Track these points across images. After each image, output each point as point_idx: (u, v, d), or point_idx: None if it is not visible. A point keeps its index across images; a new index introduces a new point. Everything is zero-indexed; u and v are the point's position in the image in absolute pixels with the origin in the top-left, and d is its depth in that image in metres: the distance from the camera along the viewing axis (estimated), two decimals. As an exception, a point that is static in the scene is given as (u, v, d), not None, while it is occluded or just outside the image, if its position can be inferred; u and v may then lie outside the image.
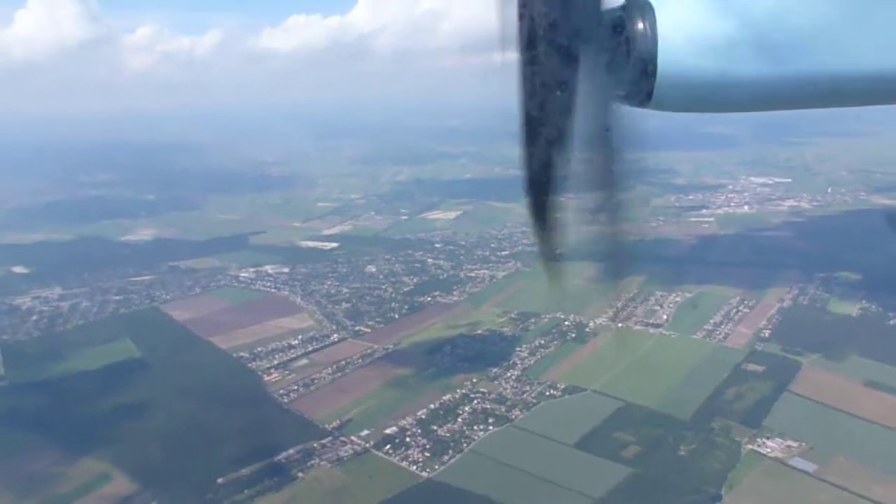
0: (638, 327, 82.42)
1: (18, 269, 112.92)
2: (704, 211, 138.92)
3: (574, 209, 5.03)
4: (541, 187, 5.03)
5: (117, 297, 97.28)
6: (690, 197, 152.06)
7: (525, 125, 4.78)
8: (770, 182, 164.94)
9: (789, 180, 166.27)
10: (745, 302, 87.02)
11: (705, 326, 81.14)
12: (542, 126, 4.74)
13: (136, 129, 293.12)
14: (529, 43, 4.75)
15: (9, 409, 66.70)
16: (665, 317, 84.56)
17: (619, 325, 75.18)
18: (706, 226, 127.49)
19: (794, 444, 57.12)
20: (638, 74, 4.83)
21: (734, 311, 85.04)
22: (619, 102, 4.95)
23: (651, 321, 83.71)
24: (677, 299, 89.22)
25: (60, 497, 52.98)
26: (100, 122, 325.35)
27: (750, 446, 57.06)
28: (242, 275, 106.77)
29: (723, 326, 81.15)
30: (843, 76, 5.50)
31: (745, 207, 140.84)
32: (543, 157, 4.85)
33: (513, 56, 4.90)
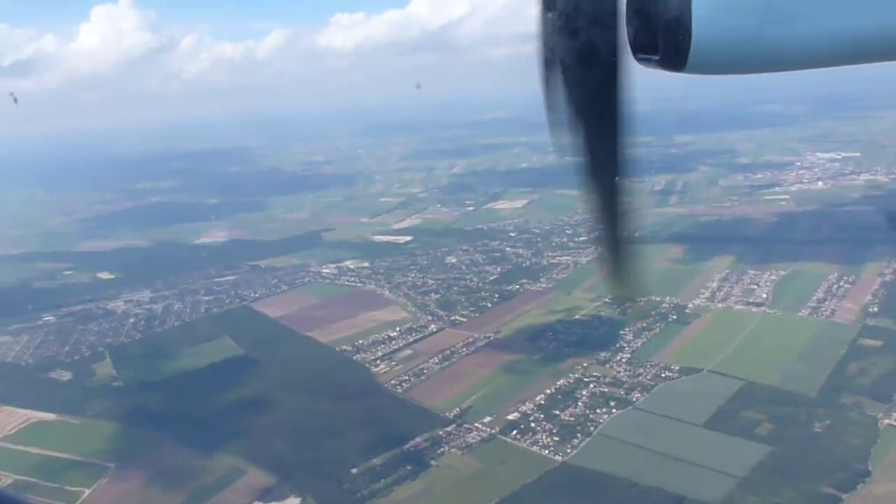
0: (739, 306, 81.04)
1: (104, 275, 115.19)
2: (777, 189, 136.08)
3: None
4: (602, 173, 4.56)
5: (207, 298, 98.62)
6: (759, 176, 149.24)
7: (573, 110, 4.42)
8: (838, 157, 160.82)
9: (858, 154, 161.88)
10: (844, 278, 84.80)
11: (808, 304, 79.34)
12: (590, 110, 4.38)
13: (186, 137, 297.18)
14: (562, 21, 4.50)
15: (130, 409, 67.88)
16: (764, 295, 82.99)
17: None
18: (783, 203, 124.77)
19: (933, 418, 55.48)
20: (672, 37, 4.52)
21: (835, 287, 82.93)
22: (654, 67, 4.60)
23: (751, 300, 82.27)
24: (773, 277, 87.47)
25: (201, 490, 53.76)
26: (153, 131, 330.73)
27: (887, 421, 55.45)
28: (324, 271, 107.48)
29: (827, 303, 79.24)
30: (889, 29, 4.80)
31: (819, 184, 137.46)
32: (598, 140, 4.41)
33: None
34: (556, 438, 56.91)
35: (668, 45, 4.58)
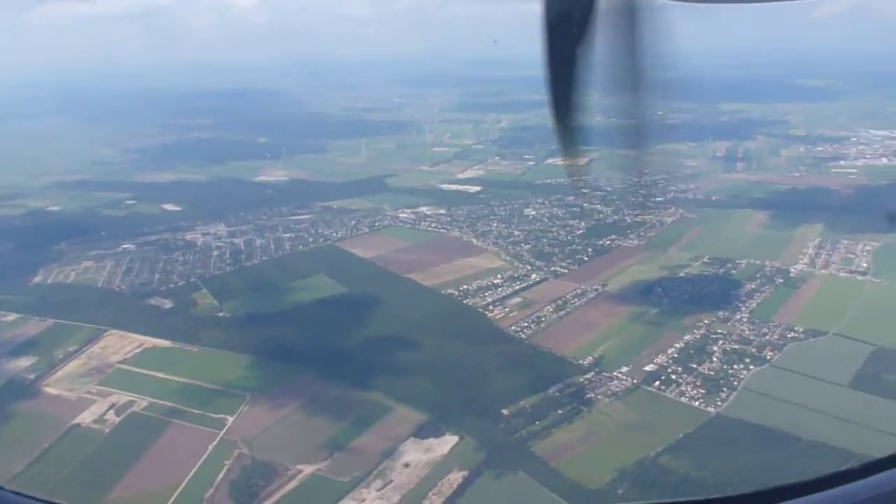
0: (843, 274, 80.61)
1: (169, 207, 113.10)
2: (842, 162, 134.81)
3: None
4: (562, 84, 4.89)
5: (287, 235, 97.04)
6: (819, 148, 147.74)
7: (546, 23, 4.67)
8: (894, 135, 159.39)
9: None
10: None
11: (914, 274, 79.02)
12: (563, 23, 4.66)
13: (222, 77, 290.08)
14: None
15: (246, 339, 66.78)
16: (865, 264, 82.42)
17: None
18: (853, 177, 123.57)
19: None
20: None
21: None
22: None
23: (853, 269, 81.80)
24: (867, 248, 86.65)
25: (356, 422, 53.19)
26: (191, 69, 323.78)
27: None
28: (401, 215, 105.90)
29: (933, 273, 78.97)
30: None
31: (884, 160, 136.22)
32: (565, 53, 4.70)
33: None
34: (703, 391, 56.65)
35: None
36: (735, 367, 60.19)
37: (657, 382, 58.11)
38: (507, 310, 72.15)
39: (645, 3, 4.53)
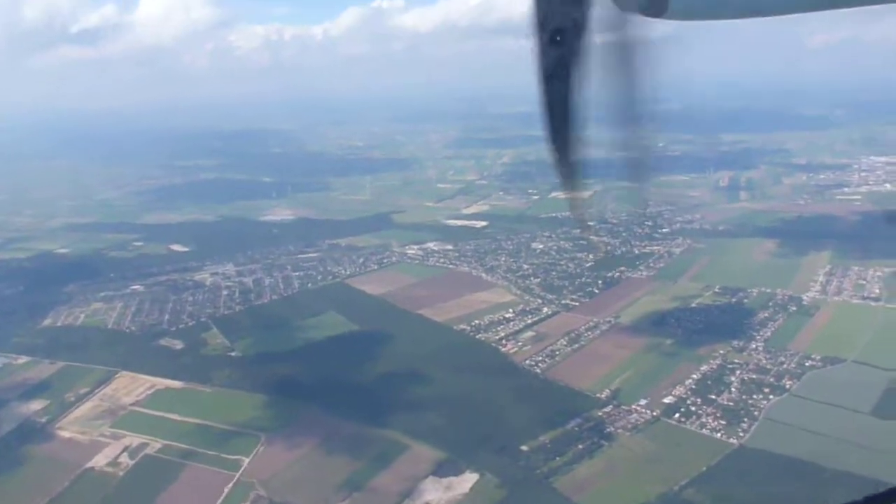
0: (856, 301, 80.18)
1: (177, 247, 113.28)
2: (846, 189, 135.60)
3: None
4: (559, 118, 4.88)
5: (296, 273, 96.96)
6: (822, 176, 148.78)
7: (541, 60, 4.68)
8: (895, 161, 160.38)
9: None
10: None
11: (928, 299, 78.64)
12: (558, 58, 4.65)
13: (221, 117, 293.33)
14: None
15: (258, 379, 66.13)
16: (877, 290, 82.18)
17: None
18: (857, 203, 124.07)
19: None
20: None
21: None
22: (637, 14, 4.75)
23: (865, 295, 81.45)
24: (878, 274, 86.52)
25: (373, 462, 52.42)
26: (190, 109, 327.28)
27: None
28: (409, 251, 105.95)
29: (947, 299, 78.58)
30: None
31: (887, 186, 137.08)
32: (561, 88, 4.69)
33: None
34: (723, 422, 55.98)
35: None
36: (754, 397, 59.60)
37: (677, 414, 57.48)
38: (520, 344, 71.68)
39: (640, 37, 4.59)
